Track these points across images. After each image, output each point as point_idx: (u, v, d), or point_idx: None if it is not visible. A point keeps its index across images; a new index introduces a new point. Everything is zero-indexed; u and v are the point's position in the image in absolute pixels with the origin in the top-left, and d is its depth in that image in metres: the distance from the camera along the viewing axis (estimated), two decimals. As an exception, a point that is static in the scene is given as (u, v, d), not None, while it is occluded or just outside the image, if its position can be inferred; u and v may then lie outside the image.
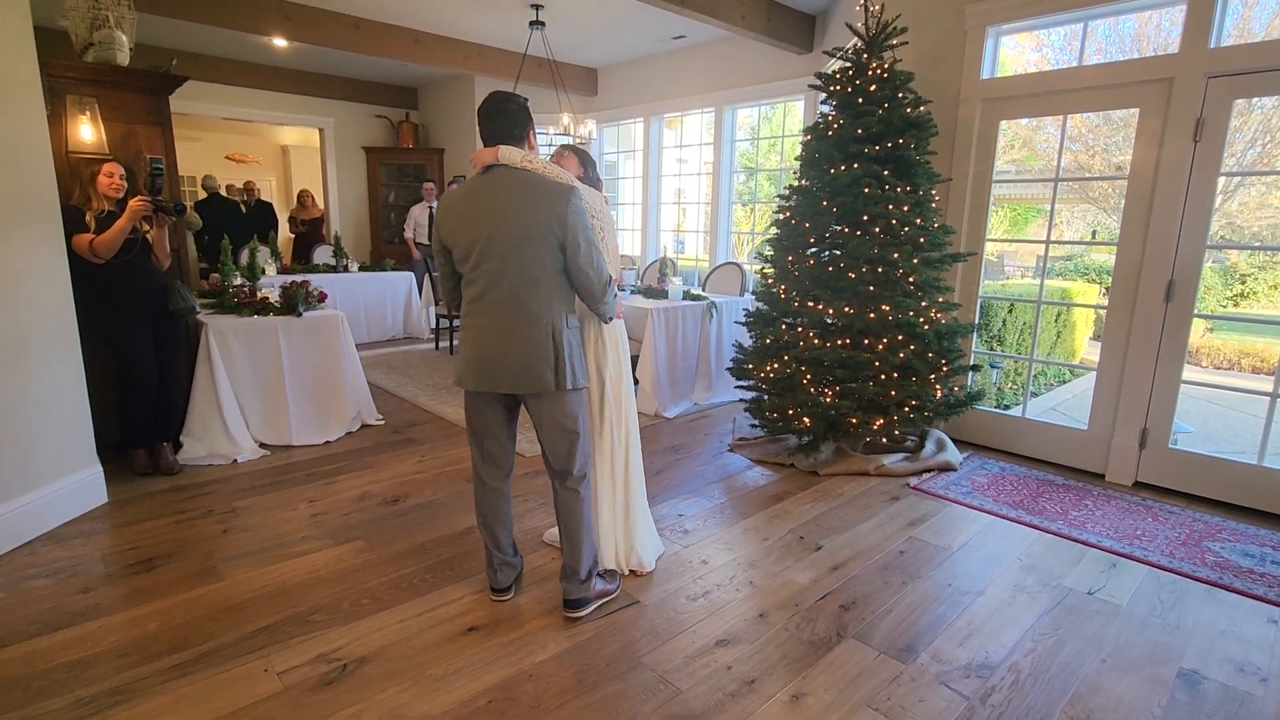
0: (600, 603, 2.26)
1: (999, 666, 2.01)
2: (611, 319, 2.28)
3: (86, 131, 3.33)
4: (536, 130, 2.19)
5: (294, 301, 3.80)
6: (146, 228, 3.14)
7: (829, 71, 3.70)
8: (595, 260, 2.06)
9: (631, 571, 2.47)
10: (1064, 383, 6.47)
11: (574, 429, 2.15)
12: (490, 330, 2.04)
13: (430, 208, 7.41)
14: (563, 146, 2.42)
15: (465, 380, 2.09)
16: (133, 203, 2.97)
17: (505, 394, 2.10)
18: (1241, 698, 1.90)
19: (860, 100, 3.49)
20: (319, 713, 1.75)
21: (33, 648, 1.98)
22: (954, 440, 3.92)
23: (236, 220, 7.18)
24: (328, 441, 3.83)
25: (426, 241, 7.38)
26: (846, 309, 3.45)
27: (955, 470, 3.59)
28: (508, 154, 2.02)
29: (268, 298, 3.85)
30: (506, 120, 2.06)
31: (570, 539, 2.20)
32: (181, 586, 2.33)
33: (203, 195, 7.41)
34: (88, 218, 2.99)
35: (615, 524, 2.47)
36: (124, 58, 3.47)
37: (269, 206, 8.23)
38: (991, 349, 5.44)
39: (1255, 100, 3.37)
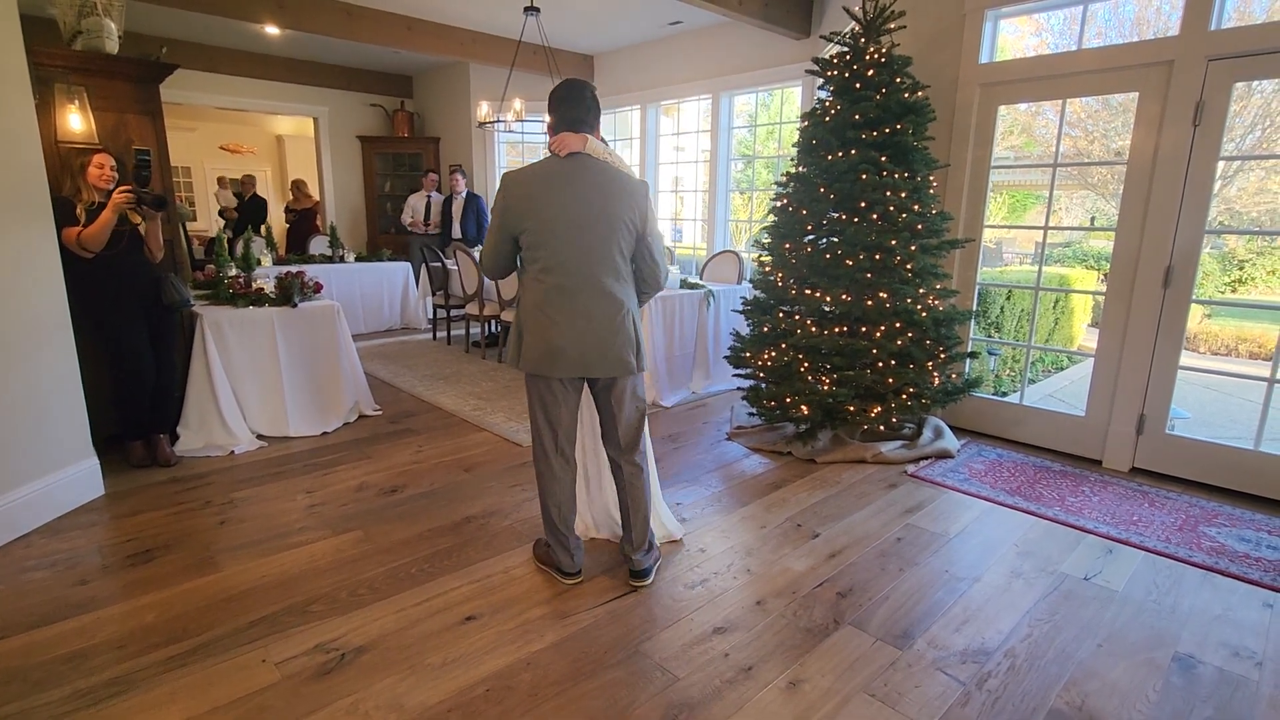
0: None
1: (995, 652, 2.01)
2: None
3: (75, 121, 3.29)
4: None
5: (289, 292, 3.78)
6: (137, 219, 3.11)
7: (826, 56, 3.66)
8: (662, 251, 2.24)
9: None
10: (1061, 369, 6.47)
11: (643, 406, 2.32)
12: (580, 317, 2.08)
13: (429, 197, 7.37)
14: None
15: (551, 368, 2.11)
16: (115, 195, 2.93)
17: (581, 379, 2.21)
18: (1237, 681, 1.91)
19: (858, 85, 3.47)
20: (317, 702, 1.75)
21: (31, 640, 1.98)
22: (951, 427, 3.92)
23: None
24: (325, 432, 3.82)
25: (421, 230, 7.35)
26: (844, 296, 3.44)
27: (952, 457, 3.59)
28: (595, 145, 2.11)
29: (263, 288, 3.83)
30: (585, 108, 2.13)
31: (639, 511, 2.32)
32: (179, 578, 2.33)
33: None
34: (78, 210, 2.96)
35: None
36: (113, 46, 3.42)
37: (263, 202, 8.18)
38: (989, 336, 5.44)
39: (1255, 84, 3.35)
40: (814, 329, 3.54)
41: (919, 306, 3.46)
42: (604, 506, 2.61)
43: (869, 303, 3.42)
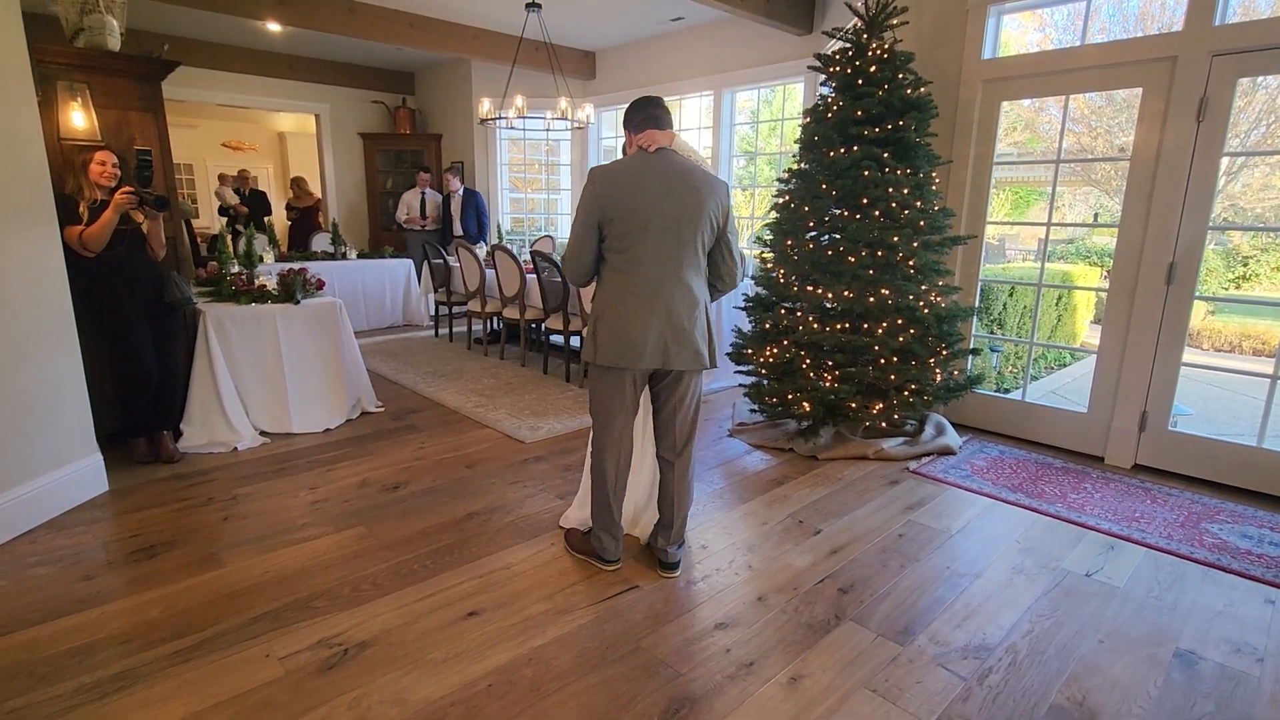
0: None
1: (996, 648, 2.02)
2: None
3: (78, 118, 3.29)
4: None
5: (292, 289, 3.79)
6: (140, 219, 3.12)
7: (828, 52, 3.65)
8: (739, 248, 2.29)
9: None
10: (1064, 366, 6.46)
11: (700, 403, 2.36)
12: (662, 309, 2.12)
13: (423, 193, 7.36)
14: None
15: (632, 359, 2.14)
16: (117, 196, 2.94)
17: (649, 373, 2.24)
18: (1238, 677, 1.91)
19: (860, 82, 3.46)
20: (320, 697, 1.76)
21: (36, 634, 1.99)
22: (953, 424, 3.92)
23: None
24: (328, 429, 3.83)
25: (419, 225, 7.36)
26: (846, 293, 3.43)
27: (954, 454, 3.59)
28: (681, 143, 2.20)
29: (265, 286, 3.84)
30: (665, 109, 2.21)
31: (683, 509, 2.40)
32: (183, 573, 2.34)
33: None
34: (81, 207, 2.97)
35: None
36: (115, 43, 3.43)
37: (263, 196, 8.19)
38: (992, 333, 5.43)
39: (1260, 79, 3.33)
40: (816, 326, 3.53)
41: (921, 303, 3.45)
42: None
43: (871, 299, 3.41)
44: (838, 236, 3.49)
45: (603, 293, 2.18)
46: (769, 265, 3.83)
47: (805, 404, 3.51)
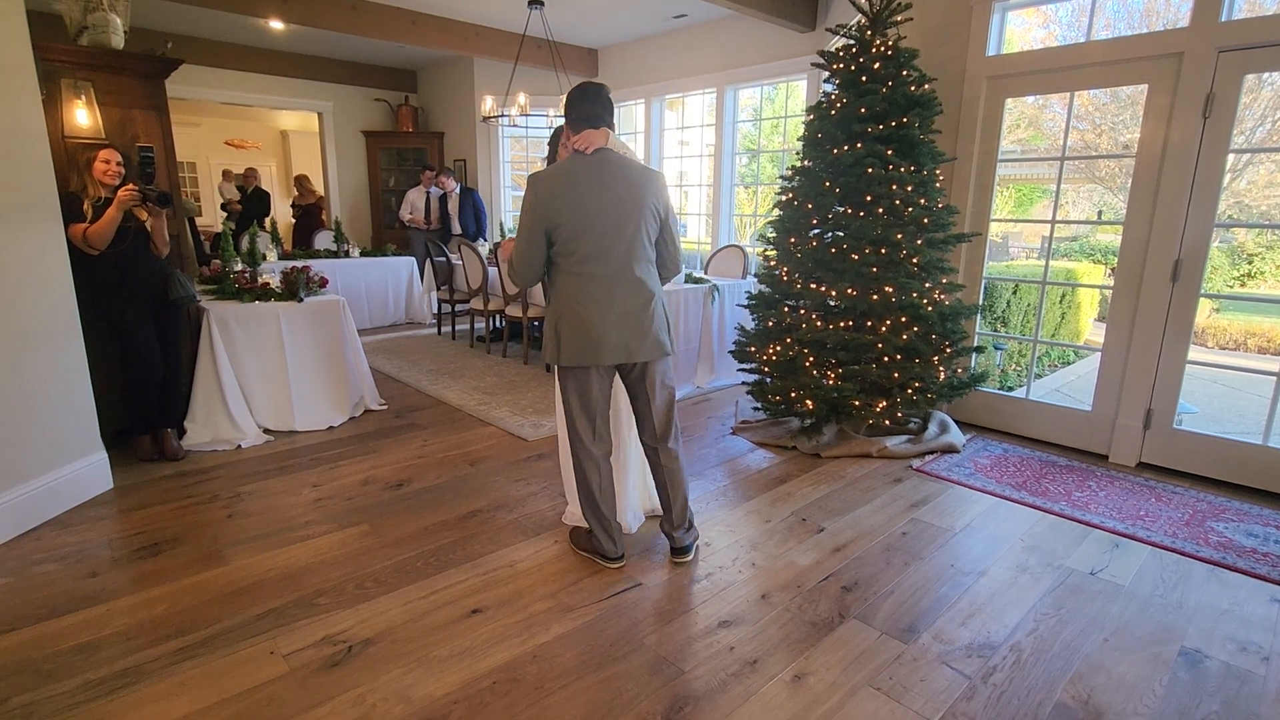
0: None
1: (1001, 646, 2.01)
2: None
3: (82, 116, 3.30)
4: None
5: (295, 287, 3.79)
6: (144, 216, 3.12)
7: (832, 49, 3.64)
8: (680, 235, 2.32)
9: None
10: (1068, 364, 6.44)
11: (673, 390, 2.38)
12: (618, 304, 2.17)
13: (428, 192, 7.37)
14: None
15: (595, 357, 2.17)
16: (120, 193, 2.94)
17: (616, 365, 2.26)
18: (1243, 676, 1.91)
19: (864, 78, 3.44)
20: (324, 694, 1.76)
21: (41, 631, 2.00)
22: (957, 422, 3.91)
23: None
24: (331, 427, 3.84)
25: (423, 225, 7.37)
26: (849, 291, 3.43)
27: (958, 452, 3.58)
28: (615, 140, 2.22)
29: (269, 284, 3.85)
30: (603, 105, 2.22)
31: (679, 495, 2.40)
32: (187, 571, 2.34)
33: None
34: (85, 205, 2.97)
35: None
36: (119, 41, 3.43)
37: (265, 196, 8.20)
38: (995, 330, 5.42)
39: (1266, 76, 3.31)
40: (819, 323, 3.53)
41: (925, 301, 3.44)
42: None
43: (874, 297, 3.40)
44: (841, 234, 3.49)
45: (558, 295, 2.22)
46: (772, 263, 3.82)
47: (808, 402, 3.50)
